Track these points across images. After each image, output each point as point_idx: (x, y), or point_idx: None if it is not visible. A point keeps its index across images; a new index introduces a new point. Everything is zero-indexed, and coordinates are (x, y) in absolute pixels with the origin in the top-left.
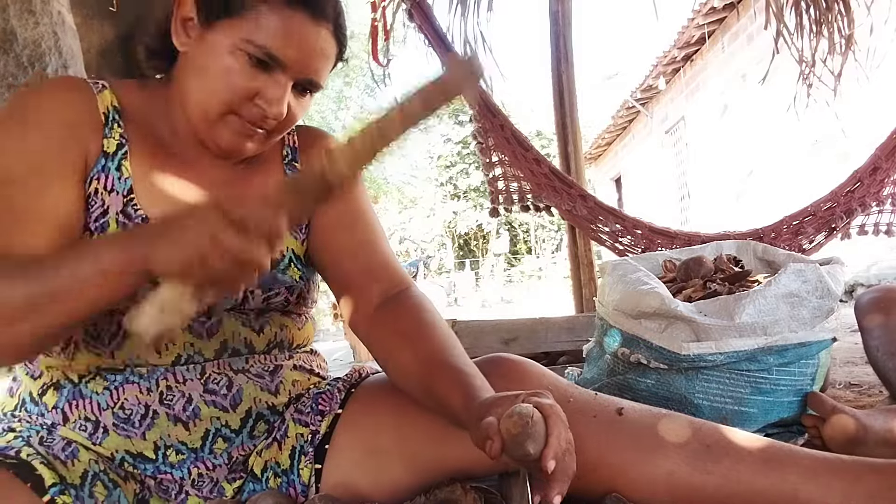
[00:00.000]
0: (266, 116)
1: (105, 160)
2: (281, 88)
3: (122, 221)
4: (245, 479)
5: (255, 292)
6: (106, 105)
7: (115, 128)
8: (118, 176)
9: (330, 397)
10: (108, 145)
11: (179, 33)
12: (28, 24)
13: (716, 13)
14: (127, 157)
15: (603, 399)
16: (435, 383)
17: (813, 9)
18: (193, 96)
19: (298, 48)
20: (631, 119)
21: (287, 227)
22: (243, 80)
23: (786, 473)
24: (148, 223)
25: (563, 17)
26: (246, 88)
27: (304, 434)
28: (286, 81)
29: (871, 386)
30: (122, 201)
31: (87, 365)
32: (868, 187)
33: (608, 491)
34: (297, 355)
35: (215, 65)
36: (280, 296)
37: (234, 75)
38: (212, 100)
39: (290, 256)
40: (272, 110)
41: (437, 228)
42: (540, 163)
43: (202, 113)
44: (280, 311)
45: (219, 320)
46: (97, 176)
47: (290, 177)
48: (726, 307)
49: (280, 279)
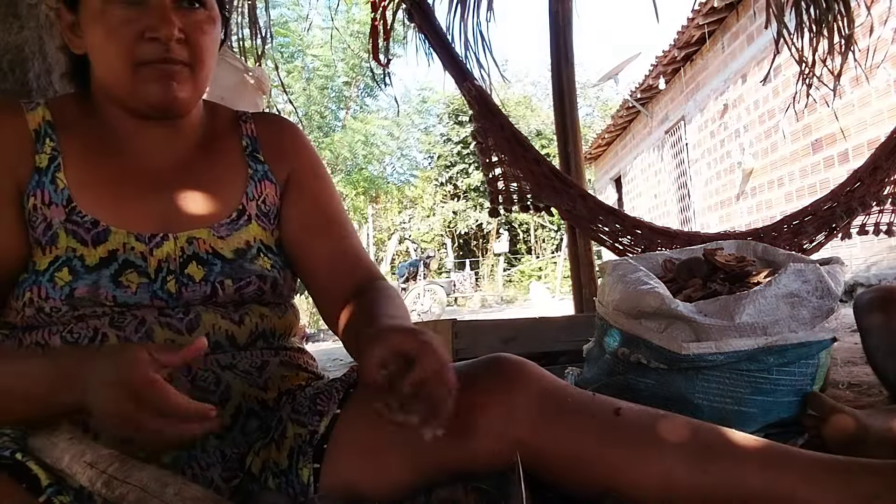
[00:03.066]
0: (165, 44)
1: (38, 175)
2: (157, 9)
3: (70, 230)
4: (242, 478)
5: (225, 283)
6: (37, 121)
7: (48, 142)
8: (53, 188)
9: (328, 397)
10: (41, 161)
11: (72, 39)
12: (12, 29)
13: (716, 13)
14: (60, 168)
15: (601, 399)
16: (356, 315)
17: (813, 9)
18: (104, 73)
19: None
20: (631, 119)
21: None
22: (125, 26)
23: (784, 474)
24: (86, 363)
25: (563, 17)
26: (131, 31)
27: (303, 434)
28: (161, 1)
29: (871, 386)
30: (64, 212)
31: None
32: (868, 187)
33: (606, 491)
34: (283, 352)
35: (99, 32)
36: (252, 285)
37: (115, 28)
38: (116, 62)
39: (258, 247)
40: (161, 33)
41: (437, 228)
42: (540, 163)
43: (118, 81)
44: (258, 302)
45: (197, 315)
46: (33, 192)
47: None
48: (726, 307)
49: (249, 269)
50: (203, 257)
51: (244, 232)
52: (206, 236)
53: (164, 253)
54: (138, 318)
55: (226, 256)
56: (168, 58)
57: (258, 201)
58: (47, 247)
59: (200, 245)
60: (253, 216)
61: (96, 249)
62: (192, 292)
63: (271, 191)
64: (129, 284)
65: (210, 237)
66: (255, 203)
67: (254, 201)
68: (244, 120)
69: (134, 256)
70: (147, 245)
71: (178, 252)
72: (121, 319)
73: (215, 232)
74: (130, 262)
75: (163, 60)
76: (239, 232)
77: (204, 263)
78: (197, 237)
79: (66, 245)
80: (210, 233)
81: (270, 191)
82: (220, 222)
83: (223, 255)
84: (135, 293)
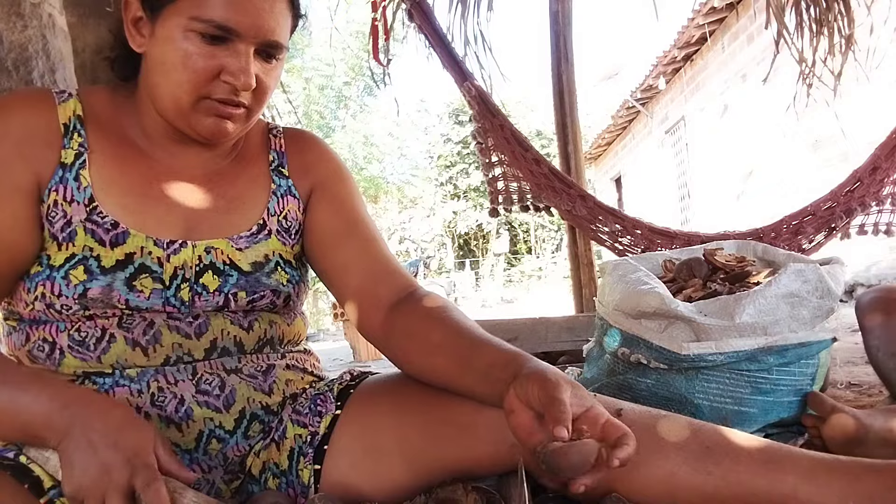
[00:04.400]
0: (237, 90)
1: (63, 171)
2: (243, 57)
3: (90, 228)
4: (243, 480)
5: (238, 295)
6: (68, 115)
7: (76, 137)
8: (76, 185)
9: (325, 399)
10: (66, 156)
11: (134, 35)
12: (15, 28)
13: (716, 13)
14: (86, 165)
15: (602, 400)
16: (476, 354)
17: (813, 9)
18: (161, 91)
19: (246, 12)
20: (631, 119)
21: None
22: (203, 61)
23: (785, 474)
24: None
25: (563, 17)
26: (208, 68)
27: (303, 435)
28: (246, 49)
29: (871, 386)
30: (85, 210)
31: (74, 370)
32: (868, 187)
33: (608, 492)
34: (289, 354)
35: (173, 54)
36: (265, 299)
37: (193, 59)
38: (180, 91)
39: (276, 260)
40: (240, 82)
41: (437, 228)
42: (540, 163)
43: (175, 106)
44: (268, 311)
45: (206, 319)
46: (55, 188)
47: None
48: (726, 307)
49: (264, 283)
50: (220, 267)
51: (263, 245)
52: (224, 247)
53: (181, 260)
54: (147, 321)
55: (243, 268)
56: (233, 101)
57: (279, 216)
58: (64, 243)
59: (218, 255)
60: (273, 231)
61: (113, 251)
62: (204, 302)
63: (294, 206)
64: (143, 289)
65: (228, 248)
66: (277, 219)
67: (275, 217)
68: (275, 134)
69: (150, 261)
70: (165, 251)
71: (195, 260)
72: (129, 321)
73: (234, 243)
74: (146, 266)
75: (226, 101)
76: (258, 245)
77: (220, 273)
78: (215, 247)
79: (83, 243)
80: (228, 244)
81: (293, 206)
82: (240, 235)
83: (240, 266)
84: (147, 298)
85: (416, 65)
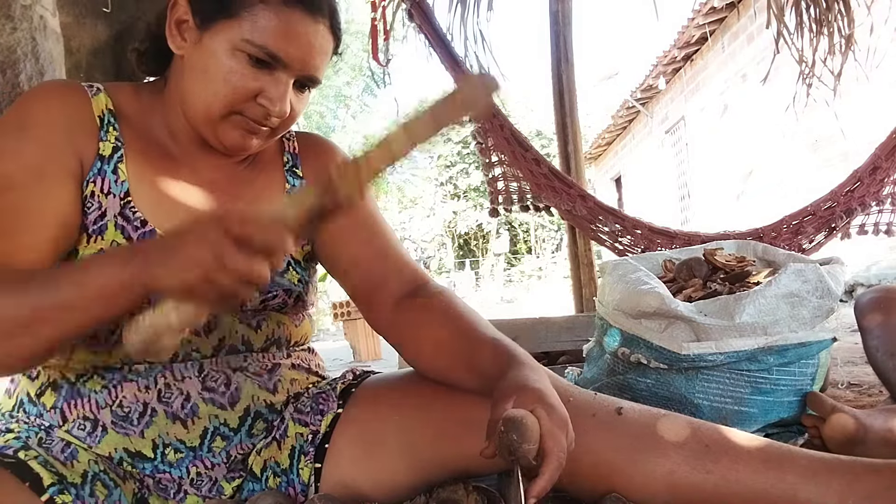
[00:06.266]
0: (269, 115)
1: (101, 163)
2: (283, 86)
3: (120, 224)
4: (244, 478)
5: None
6: (101, 108)
7: (111, 130)
8: (114, 178)
9: (327, 398)
10: (104, 148)
11: (175, 37)
12: (4, 30)
13: (716, 13)
14: (123, 159)
15: (602, 399)
16: (476, 355)
17: (813, 9)
18: (195, 98)
19: (298, 46)
20: (631, 119)
21: (291, 245)
22: (245, 81)
23: (784, 473)
24: (149, 239)
25: (563, 17)
26: (248, 89)
27: (304, 434)
28: (287, 79)
29: (871, 386)
30: (120, 204)
31: (85, 364)
32: (868, 187)
33: (607, 491)
34: (295, 354)
35: (216, 67)
36: (277, 298)
37: (235, 76)
38: (214, 101)
39: (288, 260)
40: (276, 109)
41: (437, 228)
42: (540, 163)
43: (205, 114)
44: (278, 311)
45: (215, 317)
46: (93, 179)
47: (296, 191)
48: (726, 307)
49: (278, 282)
50: None
51: None
52: None
53: None
54: None
55: None
56: (263, 122)
57: None
58: (94, 236)
59: None
60: None
61: None
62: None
63: None
64: None
65: None
66: None
67: None
68: (287, 138)
69: None
70: None
71: None
72: None
73: None
74: None
75: (255, 121)
76: None
77: None
78: None
79: (111, 239)
80: None
81: None
82: None
83: None
84: None
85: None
